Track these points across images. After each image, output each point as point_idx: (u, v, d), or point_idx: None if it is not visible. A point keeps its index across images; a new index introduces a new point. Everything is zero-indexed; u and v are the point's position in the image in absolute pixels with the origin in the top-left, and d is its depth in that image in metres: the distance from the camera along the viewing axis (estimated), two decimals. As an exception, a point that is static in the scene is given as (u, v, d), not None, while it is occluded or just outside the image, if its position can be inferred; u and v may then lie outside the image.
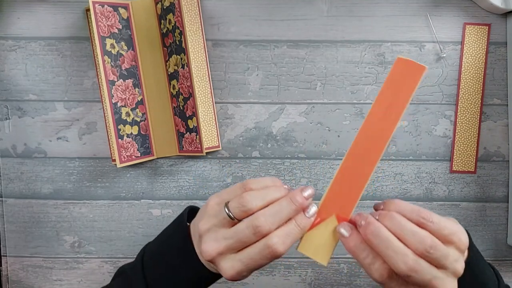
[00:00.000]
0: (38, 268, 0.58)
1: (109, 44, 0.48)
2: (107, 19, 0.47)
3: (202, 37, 0.52)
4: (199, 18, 0.51)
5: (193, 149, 0.52)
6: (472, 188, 0.56)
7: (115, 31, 0.48)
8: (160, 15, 0.50)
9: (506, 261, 0.57)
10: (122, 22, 0.49)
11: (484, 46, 0.54)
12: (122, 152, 0.50)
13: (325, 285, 0.58)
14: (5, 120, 0.55)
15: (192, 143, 0.52)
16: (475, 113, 0.55)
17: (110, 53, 0.49)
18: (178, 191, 0.56)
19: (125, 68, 0.50)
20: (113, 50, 0.49)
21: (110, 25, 0.48)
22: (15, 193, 0.57)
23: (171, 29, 0.50)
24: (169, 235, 0.39)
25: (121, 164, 0.50)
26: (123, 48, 0.50)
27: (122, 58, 0.50)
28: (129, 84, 0.50)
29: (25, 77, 0.55)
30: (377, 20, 0.54)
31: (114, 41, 0.48)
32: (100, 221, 0.57)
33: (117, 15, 0.48)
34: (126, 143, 0.51)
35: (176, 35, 0.50)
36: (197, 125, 0.51)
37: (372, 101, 0.55)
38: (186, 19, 0.49)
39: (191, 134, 0.52)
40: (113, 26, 0.48)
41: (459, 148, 0.55)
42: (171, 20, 0.49)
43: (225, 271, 0.33)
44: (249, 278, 0.57)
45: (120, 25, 0.49)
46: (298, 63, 0.54)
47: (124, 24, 0.49)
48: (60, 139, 0.56)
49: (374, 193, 0.56)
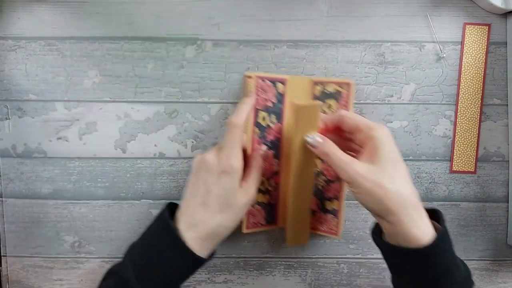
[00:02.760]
0: (38, 268, 0.58)
1: (261, 117, 0.49)
2: (265, 93, 0.49)
3: None
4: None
5: (325, 229, 0.54)
6: (472, 188, 0.56)
7: (269, 104, 0.50)
8: (318, 96, 0.52)
9: (506, 261, 0.57)
10: (278, 97, 0.51)
11: (484, 46, 0.54)
12: (250, 219, 0.52)
13: (325, 285, 0.58)
14: (5, 120, 0.55)
15: (324, 223, 0.54)
16: (475, 113, 0.55)
17: (260, 125, 0.50)
18: (178, 191, 0.56)
19: (270, 140, 0.51)
20: (263, 122, 0.50)
21: (267, 99, 0.49)
22: (15, 193, 0.57)
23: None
24: (151, 229, 0.43)
25: (247, 230, 0.52)
26: (272, 121, 0.51)
27: (270, 130, 0.51)
28: (270, 155, 0.51)
29: (25, 77, 0.55)
30: (377, 20, 0.54)
31: (267, 114, 0.50)
32: (100, 221, 0.57)
33: (274, 90, 0.50)
34: (255, 210, 0.52)
35: None
36: (338, 209, 0.52)
37: (372, 101, 0.55)
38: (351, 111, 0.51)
39: (326, 214, 0.53)
40: (268, 100, 0.50)
41: (459, 148, 0.55)
42: (332, 105, 0.51)
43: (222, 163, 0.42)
44: (249, 278, 0.57)
45: (275, 99, 0.50)
46: (298, 63, 0.54)
47: (279, 98, 0.51)
48: (60, 139, 0.56)
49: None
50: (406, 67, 0.54)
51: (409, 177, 0.40)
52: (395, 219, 0.38)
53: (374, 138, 0.40)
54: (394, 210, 0.38)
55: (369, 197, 0.39)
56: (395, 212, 0.38)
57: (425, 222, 0.38)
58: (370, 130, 0.40)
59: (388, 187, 0.38)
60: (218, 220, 0.42)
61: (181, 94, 0.55)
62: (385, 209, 0.38)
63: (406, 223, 0.37)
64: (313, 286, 0.58)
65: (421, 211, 0.39)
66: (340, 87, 0.51)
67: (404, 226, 0.38)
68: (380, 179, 0.38)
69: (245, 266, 0.58)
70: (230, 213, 0.42)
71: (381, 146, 0.39)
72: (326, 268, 0.57)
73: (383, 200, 0.38)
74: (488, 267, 0.57)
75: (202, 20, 0.54)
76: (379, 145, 0.39)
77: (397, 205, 0.38)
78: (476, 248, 0.57)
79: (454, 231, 0.57)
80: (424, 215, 0.39)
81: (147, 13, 0.54)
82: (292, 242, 0.53)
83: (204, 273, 0.57)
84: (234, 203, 0.42)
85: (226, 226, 0.43)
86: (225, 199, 0.42)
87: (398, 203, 0.38)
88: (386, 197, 0.38)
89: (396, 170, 0.39)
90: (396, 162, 0.39)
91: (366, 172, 0.39)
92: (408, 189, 0.39)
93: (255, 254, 0.57)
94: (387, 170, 0.39)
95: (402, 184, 0.39)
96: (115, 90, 0.55)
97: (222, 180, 0.41)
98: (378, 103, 0.55)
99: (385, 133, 0.40)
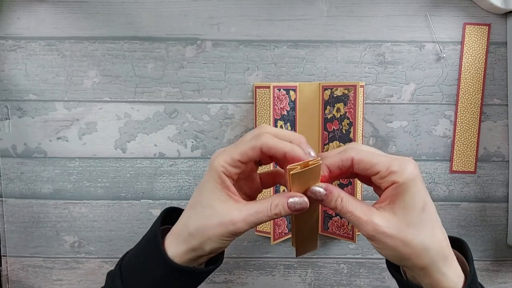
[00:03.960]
0: (38, 268, 0.58)
1: (279, 126, 0.50)
2: (281, 102, 0.50)
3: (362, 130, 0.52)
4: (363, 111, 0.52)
5: (342, 233, 0.54)
6: (472, 188, 0.56)
7: (284, 113, 0.51)
8: (327, 101, 0.52)
9: (506, 261, 0.57)
10: (290, 104, 0.51)
11: (484, 46, 0.54)
12: (276, 229, 0.52)
13: (325, 285, 0.58)
14: (5, 120, 0.55)
15: (341, 227, 0.54)
16: (475, 113, 0.55)
17: None
18: (178, 191, 0.56)
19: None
20: None
21: (282, 107, 0.50)
22: (15, 193, 0.57)
23: (339, 117, 0.52)
24: (144, 236, 0.39)
25: (274, 241, 0.52)
26: (288, 129, 0.52)
27: None
28: None
29: (25, 77, 0.55)
30: (377, 20, 0.54)
31: (283, 123, 0.50)
32: (100, 221, 0.57)
33: (288, 98, 0.51)
34: (279, 220, 0.52)
35: (344, 125, 0.52)
36: None
37: (372, 101, 0.55)
38: (359, 113, 0.50)
39: (342, 219, 0.53)
40: (283, 109, 0.50)
41: (459, 148, 0.55)
42: (341, 109, 0.51)
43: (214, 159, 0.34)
44: (249, 278, 0.57)
45: (289, 107, 0.51)
46: (298, 63, 0.54)
47: (291, 106, 0.52)
48: (60, 139, 0.56)
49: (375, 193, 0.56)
50: (406, 67, 0.54)
51: (438, 222, 0.35)
52: (422, 273, 0.34)
53: (397, 183, 0.33)
54: (422, 266, 0.34)
55: (393, 253, 0.34)
56: (423, 268, 0.34)
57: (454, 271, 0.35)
58: (392, 174, 0.33)
59: (415, 244, 0.33)
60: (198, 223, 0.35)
61: (181, 94, 0.55)
62: (412, 265, 0.34)
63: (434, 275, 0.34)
64: (313, 286, 0.58)
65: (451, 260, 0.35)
66: (347, 89, 0.51)
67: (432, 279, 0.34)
68: (406, 235, 0.33)
69: (245, 266, 0.58)
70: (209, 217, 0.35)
71: (406, 193, 0.33)
72: (326, 268, 0.57)
73: (410, 258, 0.34)
74: (488, 267, 0.57)
75: (202, 20, 0.54)
76: (403, 192, 0.33)
77: (425, 262, 0.34)
78: (476, 248, 0.57)
79: (454, 231, 0.57)
80: (454, 264, 0.35)
81: (147, 13, 0.54)
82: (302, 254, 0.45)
83: (204, 273, 0.57)
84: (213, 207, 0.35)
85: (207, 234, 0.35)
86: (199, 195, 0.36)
87: (426, 260, 0.33)
88: (413, 254, 0.33)
89: (423, 220, 0.33)
90: (424, 210, 0.33)
91: (389, 227, 0.33)
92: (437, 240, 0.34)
93: (255, 254, 0.57)
94: (413, 222, 0.33)
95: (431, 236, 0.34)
96: (115, 90, 0.55)
97: (207, 176, 0.35)
98: (378, 103, 0.55)
99: (411, 176, 0.33)
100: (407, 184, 0.33)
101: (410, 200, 0.33)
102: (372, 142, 0.55)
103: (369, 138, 0.55)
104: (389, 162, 0.33)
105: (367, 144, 0.55)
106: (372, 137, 0.55)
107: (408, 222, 0.33)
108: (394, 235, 0.33)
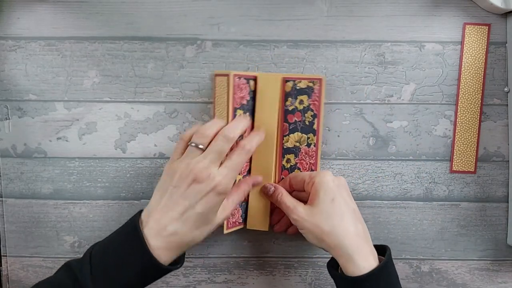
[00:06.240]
0: (38, 268, 0.58)
1: (239, 115, 0.49)
2: (241, 91, 0.49)
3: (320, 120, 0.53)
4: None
5: None
6: (472, 188, 0.56)
7: (244, 102, 0.50)
8: (289, 92, 0.52)
9: (506, 261, 0.57)
10: (251, 94, 0.51)
11: (484, 46, 0.54)
12: (229, 219, 0.51)
13: (325, 285, 0.58)
14: (5, 120, 0.55)
15: None
16: (475, 113, 0.55)
17: None
18: (178, 191, 0.56)
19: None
20: None
21: (242, 96, 0.49)
22: (15, 193, 0.57)
23: (302, 109, 0.52)
24: (119, 231, 0.43)
25: (227, 230, 0.51)
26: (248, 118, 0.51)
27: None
28: None
29: (25, 77, 0.55)
30: (377, 20, 0.54)
31: (242, 112, 0.50)
32: (100, 221, 0.57)
33: (248, 87, 0.50)
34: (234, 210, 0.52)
35: (308, 116, 0.52)
36: None
37: (372, 101, 0.55)
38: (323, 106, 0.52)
39: None
40: (243, 98, 0.50)
41: (459, 148, 0.55)
42: (304, 101, 0.52)
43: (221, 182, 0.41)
44: (249, 278, 0.57)
45: (248, 97, 0.50)
46: (298, 63, 0.55)
47: (251, 96, 0.51)
48: (60, 139, 0.56)
49: (374, 193, 0.56)
50: (406, 67, 0.54)
51: (349, 214, 0.45)
52: (336, 253, 0.44)
53: (314, 183, 0.46)
54: (333, 246, 0.44)
55: (311, 236, 0.45)
56: (334, 247, 0.43)
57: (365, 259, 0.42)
58: (312, 178, 0.47)
59: (323, 226, 0.44)
60: (192, 236, 0.42)
61: (181, 94, 0.55)
62: (326, 246, 0.44)
63: (344, 256, 0.43)
64: (313, 286, 0.58)
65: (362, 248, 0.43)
66: (312, 82, 0.51)
67: (343, 259, 0.43)
68: (317, 220, 0.44)
69: (245, 266, 0.58)
70: (205, 231, 0.43)
71: (319, 188, 0.45)
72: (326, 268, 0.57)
73: (322, 238, 0.44)
74: (488, 267, 0.57)
75: (202, 20, 0.54)
76: (318, 187, 0.45)
77: (334, 242, 0.43)
78: (476, 248, 0.57)
79: (454, 231, 0.57)
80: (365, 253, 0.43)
81: (147, 13, 0.54)
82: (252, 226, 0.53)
83: (204, 273, 0.57)
84: (212, 221, 0.43)
85: (197, 242, 0.43)
86: (205, 216, 0.42)
87: (334, 240, 0.43)
88: (323, 235, 0.44)
89: (333, 209, 0.44)
90: (333, 202, 0.45)
91: (307, 214, 0.45)
92: (344, 226, 0.44)
93: (255, 254, 0.57)
94: (324, 210, 0.44)
95: (339, 222, 0.44)
96: (115, 90, 0.55)
97: (210, 198, 0.41)
98: (378, 103, 0.55)
99: (325, 177, 0.46)
100: (321, 183, 0.45)
101: (322, 195, 0.45)
102: (372, 142, 0.55)
103: (369, 138, 0.55)
104: (312, 173, 0.49)
105: (367, 144, 0.55)
106: (372, 137, 0.55)
107: (320, 210, 0.45)
108: (310, 220, 0.45)
